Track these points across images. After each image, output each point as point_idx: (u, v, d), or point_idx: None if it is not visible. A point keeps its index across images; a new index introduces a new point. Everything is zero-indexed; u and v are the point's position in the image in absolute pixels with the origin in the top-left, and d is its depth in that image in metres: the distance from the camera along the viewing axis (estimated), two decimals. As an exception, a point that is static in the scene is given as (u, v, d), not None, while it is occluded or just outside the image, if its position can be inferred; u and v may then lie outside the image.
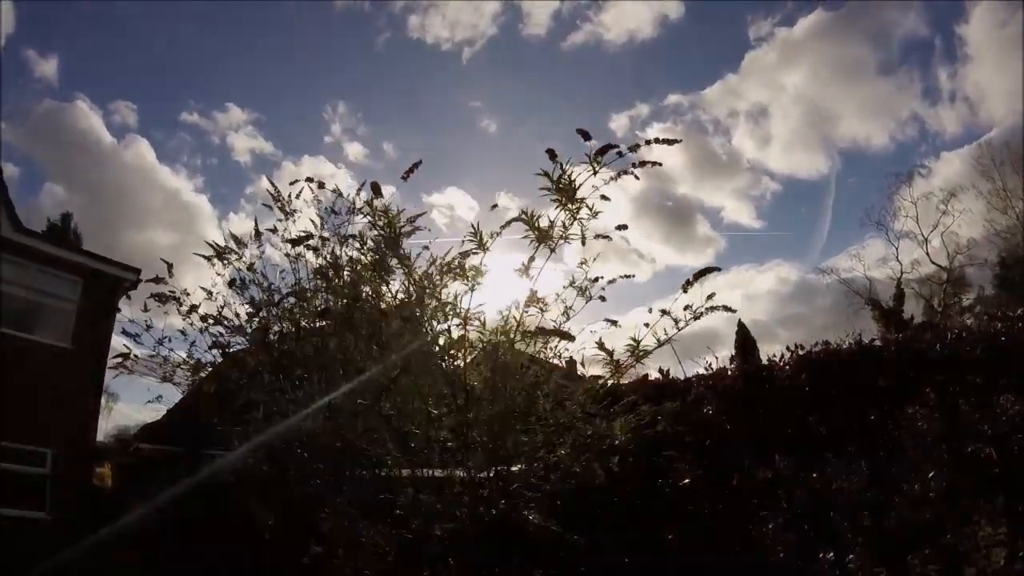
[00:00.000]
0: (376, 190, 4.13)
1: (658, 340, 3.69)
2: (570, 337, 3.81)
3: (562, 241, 3.73)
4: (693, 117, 53.66)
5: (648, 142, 3.64)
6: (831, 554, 4.88)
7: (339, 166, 53.01)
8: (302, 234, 4.99)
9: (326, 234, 5.06)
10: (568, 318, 3.95)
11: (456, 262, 4.07)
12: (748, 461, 4.81)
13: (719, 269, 3.72)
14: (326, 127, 55.18)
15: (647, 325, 3.68)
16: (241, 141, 54.75)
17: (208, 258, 5.62)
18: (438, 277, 4.22)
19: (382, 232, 4.12)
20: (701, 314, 3.60)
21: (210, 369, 5.86)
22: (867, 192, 71.58)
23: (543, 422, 3.90)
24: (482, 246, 3.79)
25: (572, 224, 3.75)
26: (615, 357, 3.75)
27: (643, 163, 3.68)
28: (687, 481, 4.61)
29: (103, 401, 13.59)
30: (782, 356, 4.97)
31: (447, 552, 3.91)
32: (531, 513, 3.82)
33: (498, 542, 3.93)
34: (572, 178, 3.68)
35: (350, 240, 4.95)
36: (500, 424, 3.83)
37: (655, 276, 47.53)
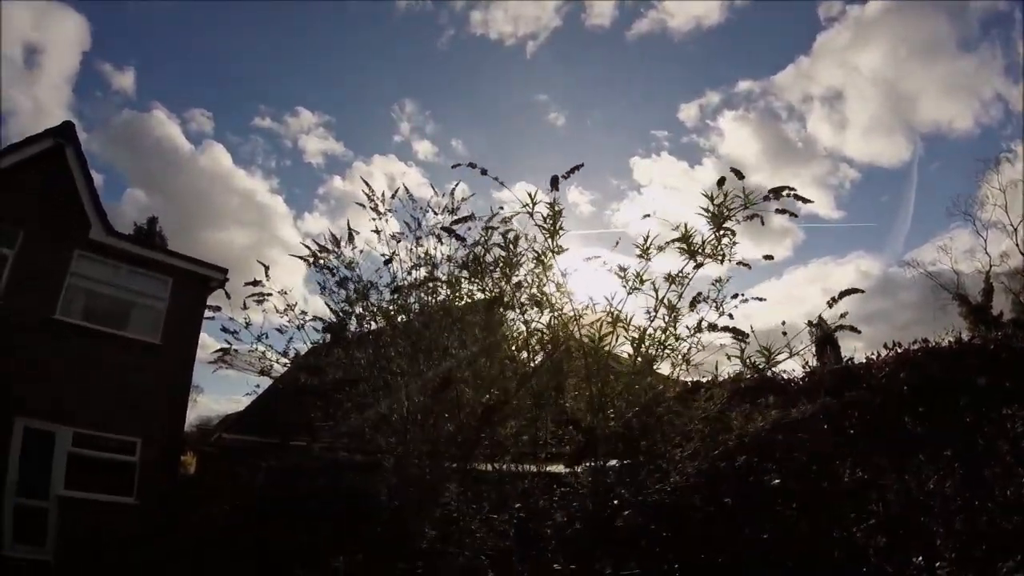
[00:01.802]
0: (555, 184, 4.17)
1: (790, 350, 3.86)
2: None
3: (710, 259, 3.96)
4: (765, 104, 53.28)
5: (788, 194, 3.78)
6: (920, 558, 4.90)
7: (409, 164, 53.78)
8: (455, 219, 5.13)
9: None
10: (700, 329, 4.08)
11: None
12: (839, 462, 4.87)
13: (862, 291, 3.82)
14: (395, 126, 57.18)
15: (784, 334, 3.86)
16: (312, 143, 56.36)
17: (304, 259, 5.98)
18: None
19: (543, 227, 4.21)
20: (837, 329, 3.79)
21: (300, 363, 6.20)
22: (952, 179, 63.57)
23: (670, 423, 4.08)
24: (646, 254, 4.09)
25: (718, 246, 3.97)
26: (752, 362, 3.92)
27: (781, 211, 3.88)
28: (777, 482, 4.71)
29: (190, 393, 14.29)
30: (878, 354, 5.01)
31: (559, 544, 4.11)
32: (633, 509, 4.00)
33: (602, 537, 4.10)
34: (728, 206, 3.90)
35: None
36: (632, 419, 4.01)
37: (730, 269, 46.35)
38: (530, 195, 4.13)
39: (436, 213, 5.60)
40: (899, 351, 5.01)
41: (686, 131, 54.71)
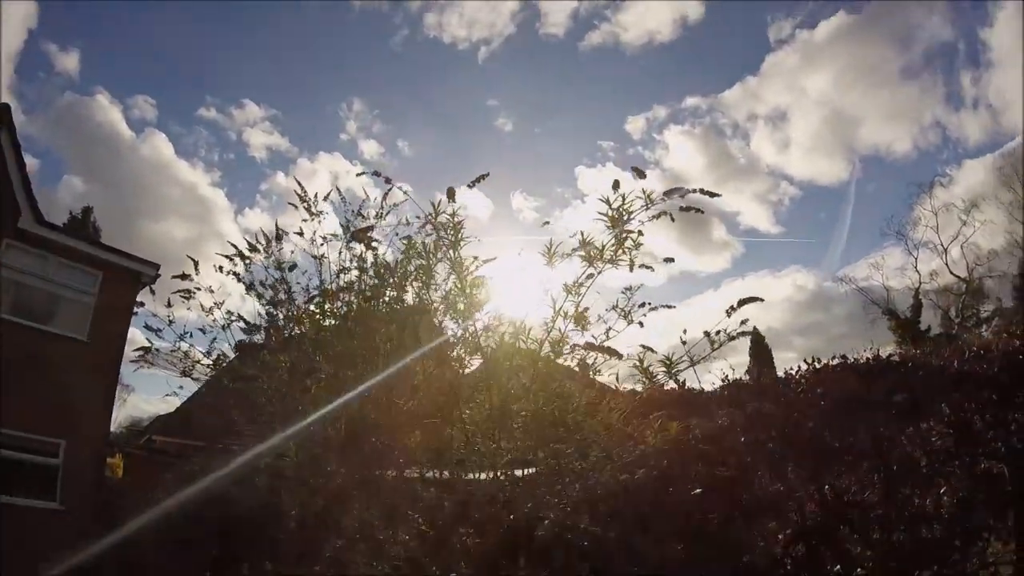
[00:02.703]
0: (451, 195, 4.16)
1: (691, 360, 3.83)
2: (617, 354, 3.90)
3: (609, 265, 3.91)
4: (711, 120, 54.15)
5: (695, 190, 3.75)
6: (838, 567, 4.91)
7: (354, 163, 53.25)
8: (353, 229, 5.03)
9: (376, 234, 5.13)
10: (608, 337, 4.05)
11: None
12: (760, 472, 4.85)
13: (762, 300, 3.79)
14: (342, 124, 55.78)
15: (684, 343, 3.82)
16: (257, 137, 55.28)
17: (230, 258, 5.74)
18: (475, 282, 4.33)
19: (445, 238, 4.18)
20: (734, 337, 3.76)
21: (227, 365, 5.98)
22: (887, 200, 70.50)
23: (575, 433, 3.99)
24: (551, 261, 4.01)
25: (619, 251, 3.91)
26: (651, 373, 3.86)
27: (686, 209, 3.81)
28: (699, 491, 4.65)
29: (117, 393, 13.72)
30: (798, 369, 5.04)
31: (467, 552, 3.99)
32: (547, 519, 3.89)
33: (514, 545, 4.00)
34: (628, 209, 3.85)
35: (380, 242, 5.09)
36: (534, 432, 3.93)
37: (670, 280, 48.83)
38: (433, 205, 4.04)
39: (364, 216, 5.46)
40: (817, 366, 5.02)
41: (632, 143, 55.87)
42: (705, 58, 55.24)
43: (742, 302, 3.69)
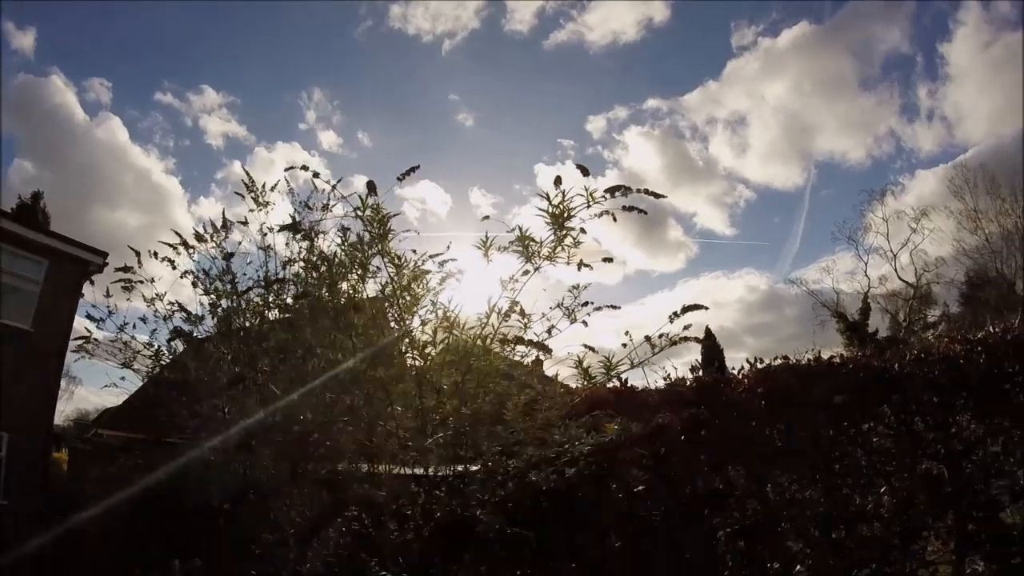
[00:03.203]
0: (372, 189, 4.13)
1: (631, 362, 3.86)
2: (547, 349, 3.89)
3: (547, 262, 3.90)
4: (671, 122, 53.93)
5: (639, 190, 3.73)
6: (777, 564, 4.94)
7: (313, 154, 52.19)
8: (285, 222, 4.94)
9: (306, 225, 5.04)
10: (550, 335, 4.05)
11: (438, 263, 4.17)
12: (703, 470, 4.85)
13: (706, 308, 3.84)
14: (301, 114, 53.85)
15: (624, 345, 3.85)
16: (215, 124, 53.43)
17: (174, 246, 5.57)
18: (414, 276, 4.27)
19: (371, 230, 4.13)
20: (676, 342, 3.78)
21: (171, 357, 5.81)
22: (841, 206, 71.33)
23: (510, 430, 3.94)
24: (487, 254, 4.00)
25: (558, 248, 3.90)
26: (591, 374, 3.86)
27: (628, 208, 3.79)
28: (641, 488, 4.64)
29: (63, 384, 13.30)
30: (741, 369, 5.05)
31: (400, 547, 3.92)
32: (483, 514, 3.84)
33: (450, 541, 3.94)
34: (568, 207, 3.83)
35: (326, 234, 4.96)
36: (467, 427, 3.87)
37: (625, 279, 48.30)
38: (361, 198, 4.01)
39: (311, 208, 5.34)
40: (759, 367, 5.04)
41: (592, 142, 56.12)
42: (668, 61, 55.41)
43: (686, 309, 3.72)
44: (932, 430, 5.13)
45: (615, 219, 3.82)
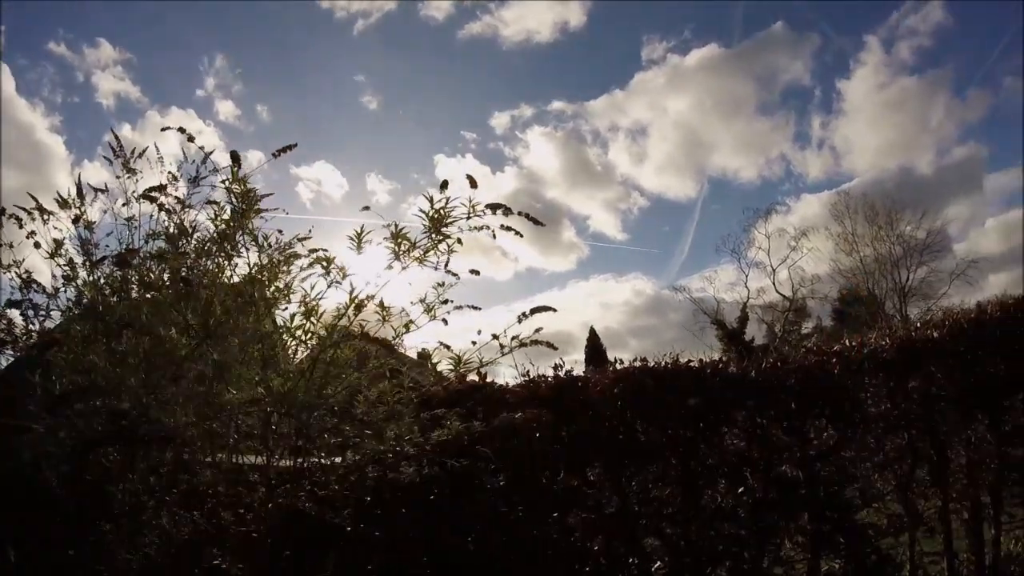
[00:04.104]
0: (235, 159, 3.97)
1: (480, 360, 3.92)
2: (389, 344, 3.88)
3: (416, 263, 3.88)
4: (575, 126, 56.77)
5: (519, 213, 3.87)
6: (635, 560, 5.08)
7: (208, 123, 48.96)
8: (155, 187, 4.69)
9: (180, 195, 4.82)
10: (408, 330, 4.04)
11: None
12: (560, 468, 4.93)
13: (554, 310, 3.94)
14: (200, 80, 49.89)
15: (474, 343, 3.91)
16: (107, 82, 48.92)
17: (28, 211, 5.24)
18: (282, 260, 4.15)
19: (236, 205, 3.99)
20: (526, 344, 3.85)
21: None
22: (728, 220, 78.61)
23: (353, 421, 3.91)
24: (359, 247, 3.92)
25: (431, 251, 3.89)
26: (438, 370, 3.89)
27: (507, 228, 3.86)
28: (501, 484, 4.69)
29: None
30: (605, 369, 5.14)
31: (242, 541, 3.83)
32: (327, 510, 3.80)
33: (294, 537, 3.87)
34: (447, 214, 3.83)
35: (195, 208, 4.75)
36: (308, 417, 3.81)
37: (516, 276, 49.36)
38: (234, 171, 3.90)
39: (177, 178, 5.09)
40: (618, 367, 5.16)
41: (495, 137, 58.47)
42: (578, 65, 57.27)
43: (534, 310, 3.80)
44: (788, 434, 5.36)
45: (495, 236, 3.86)
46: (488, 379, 5.07)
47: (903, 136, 53.85)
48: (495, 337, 3.72)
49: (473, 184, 3.80)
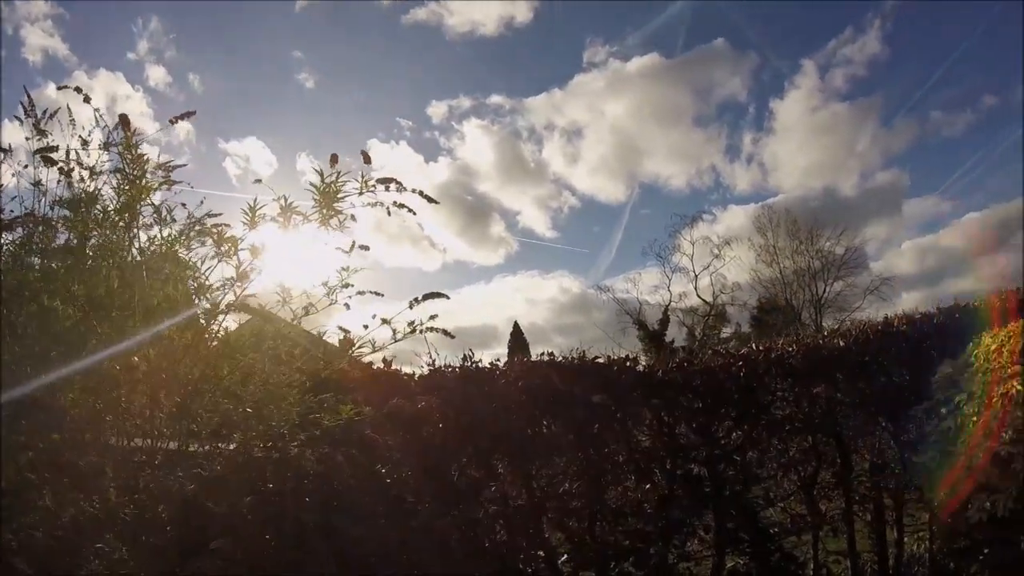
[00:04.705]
0: (125, 123, 3.82)
1: (373, 345, 3.86)
2: (275, 319, 3.84)
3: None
4: (511, 121, 55.50)
5: (413, 190, 3.78)
6: (541, 552, 5.14)
7: (137, 88, 46.95)
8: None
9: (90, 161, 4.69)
10: (307, 313, 3.95)
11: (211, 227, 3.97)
12: (463, 458, 4.97)
13: (447, 297, 3.90)
14: (132, 42, 46.74)
15: (366, 327, 3.84)
16: (36, 36, 45.80)
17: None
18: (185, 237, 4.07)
19: (129, 175, 3.89)
20: (422, 331, 3.81)
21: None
22: (656, 225, 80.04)
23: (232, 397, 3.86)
24: (252, 221, 3.73)
25: (322, 226, 3.78)
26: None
27: (400, 205, 3.77)
28: (408, 473, 4.68)
29: None
30: (511, 362, 5.18)
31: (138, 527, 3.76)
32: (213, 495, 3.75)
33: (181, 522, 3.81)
34: (338, 188, 3.75)
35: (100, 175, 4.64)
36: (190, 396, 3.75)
37: (444, 267, 49.24)
38: (127, 136, 3.73)
39: (87, 142, 4.97)
40: (528, 361, 5.21)
41: (431, 127, 58.22)
42: (520, 62, 56.41)
43: (427, 296, 3.76)
44: (695, 434, 5.48)
45: (389, 212, 3.80)
46: (394, 367, 5.04)
47: (830, 158, 55.74)
48: (385, 322, 3.69)
49: (367, 160, 3.78)
